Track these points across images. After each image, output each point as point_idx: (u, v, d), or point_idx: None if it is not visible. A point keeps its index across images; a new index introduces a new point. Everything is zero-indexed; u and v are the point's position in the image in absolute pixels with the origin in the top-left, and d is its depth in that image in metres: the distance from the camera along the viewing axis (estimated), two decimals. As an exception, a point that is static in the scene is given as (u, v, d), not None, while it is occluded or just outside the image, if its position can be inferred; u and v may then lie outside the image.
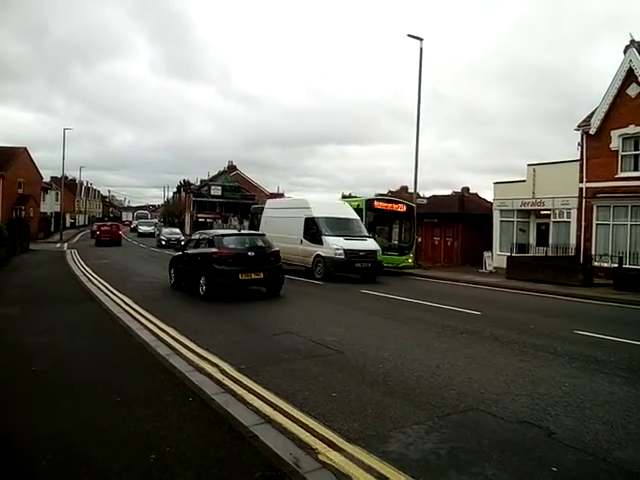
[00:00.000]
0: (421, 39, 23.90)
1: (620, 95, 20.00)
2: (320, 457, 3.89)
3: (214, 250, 12.22)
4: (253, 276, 12.29)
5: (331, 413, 4.83)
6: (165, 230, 44.16)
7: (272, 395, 5.26)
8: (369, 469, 3.72)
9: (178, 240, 34.99)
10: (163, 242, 38.63)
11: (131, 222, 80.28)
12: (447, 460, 3.95)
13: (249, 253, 12.48)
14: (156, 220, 78.91)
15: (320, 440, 4.20)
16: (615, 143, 20.25)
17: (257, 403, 5.02)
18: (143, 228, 59.54)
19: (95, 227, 45.67)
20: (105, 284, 14.51)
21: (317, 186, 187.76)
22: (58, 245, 38.64)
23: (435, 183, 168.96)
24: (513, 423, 4.71)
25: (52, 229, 56.80)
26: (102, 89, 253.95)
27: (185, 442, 4.06)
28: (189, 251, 13.60)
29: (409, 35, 23.66)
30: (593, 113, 21.09)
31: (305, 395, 5.34)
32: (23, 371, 5.98)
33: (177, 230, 45.58)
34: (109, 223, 50.79)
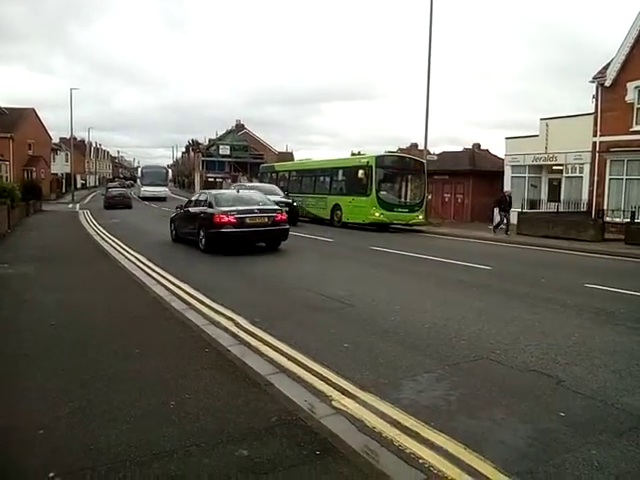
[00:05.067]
0: (432, -13, 23.17)
1: (637, 45, 19.38)
2: (334, 404, 4.01)
3: None
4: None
5: (344, 363, 4.95)
6: None
7: (286, 346, 5.38)
8: (382, 415, 3.83)
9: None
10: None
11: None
12: (457, 406, 4.06)
13: None
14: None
15: (334, 388, 4.32)
16: (631, 95, 19.76)
17: (272, 354, 5.15)
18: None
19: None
20: (119, 242, 14.71)
21: (323, 144, 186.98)
22: (70, 206, 38.86)
23: (443, 139, 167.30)
24: (522, 372, 4.79)
25: (63, 190, 57.08)
26: (101, 48, 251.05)
27: (203, 390, 4.20)
28: None
29: (420, -15, 22.94)
30: (609, 64, 20.50)
31: (318, 346, 5.46)
32: (43, 326, 6.13)
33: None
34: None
